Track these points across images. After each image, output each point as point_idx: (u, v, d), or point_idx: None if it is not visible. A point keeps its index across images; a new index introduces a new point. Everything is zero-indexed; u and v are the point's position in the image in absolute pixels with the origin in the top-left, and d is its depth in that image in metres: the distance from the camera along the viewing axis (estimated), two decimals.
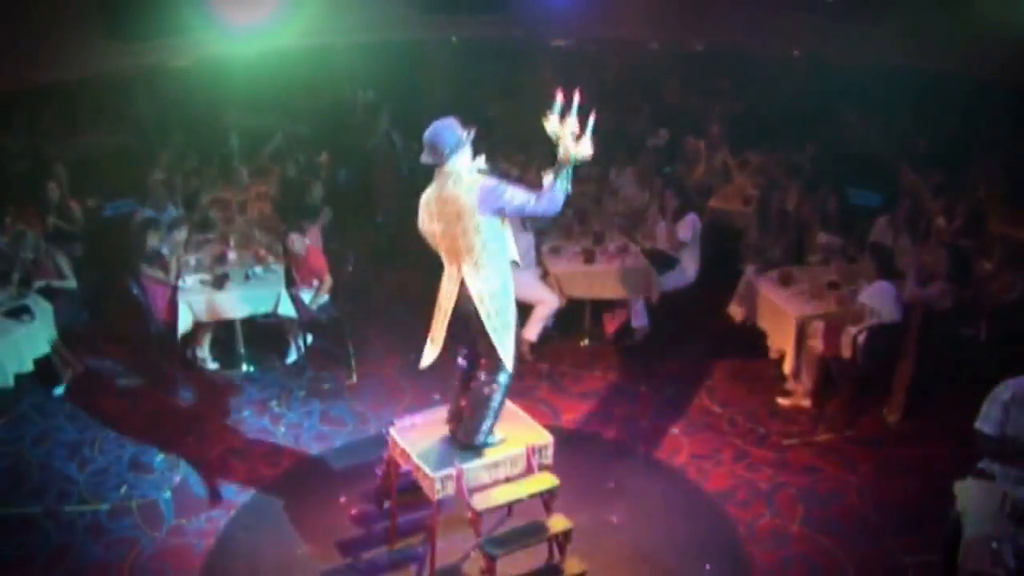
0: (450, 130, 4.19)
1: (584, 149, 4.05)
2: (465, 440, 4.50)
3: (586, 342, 7.27)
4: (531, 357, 6.91)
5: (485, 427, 4.48)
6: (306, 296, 6.94)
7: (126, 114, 10.38)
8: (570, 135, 4.05)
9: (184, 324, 6.55)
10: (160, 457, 5.79)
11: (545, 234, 7.42)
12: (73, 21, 8.50)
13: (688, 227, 7.31)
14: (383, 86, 11.24)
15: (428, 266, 4.66)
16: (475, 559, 4.60)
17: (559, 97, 4.02)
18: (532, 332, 6.93)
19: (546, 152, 9.78)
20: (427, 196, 4.34)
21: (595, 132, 4.05)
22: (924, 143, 8.85)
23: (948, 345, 6.06)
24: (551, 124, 4.08)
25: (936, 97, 8.61)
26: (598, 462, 5.71)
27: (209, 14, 8.92)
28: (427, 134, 4.22)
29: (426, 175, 4.38)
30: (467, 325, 4.34)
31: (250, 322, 6.86)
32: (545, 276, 7.03)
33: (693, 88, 11.17)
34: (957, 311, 6.07)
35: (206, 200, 8.40)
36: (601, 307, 7.37)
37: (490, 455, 4.51)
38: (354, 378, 6.79)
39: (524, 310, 7.04)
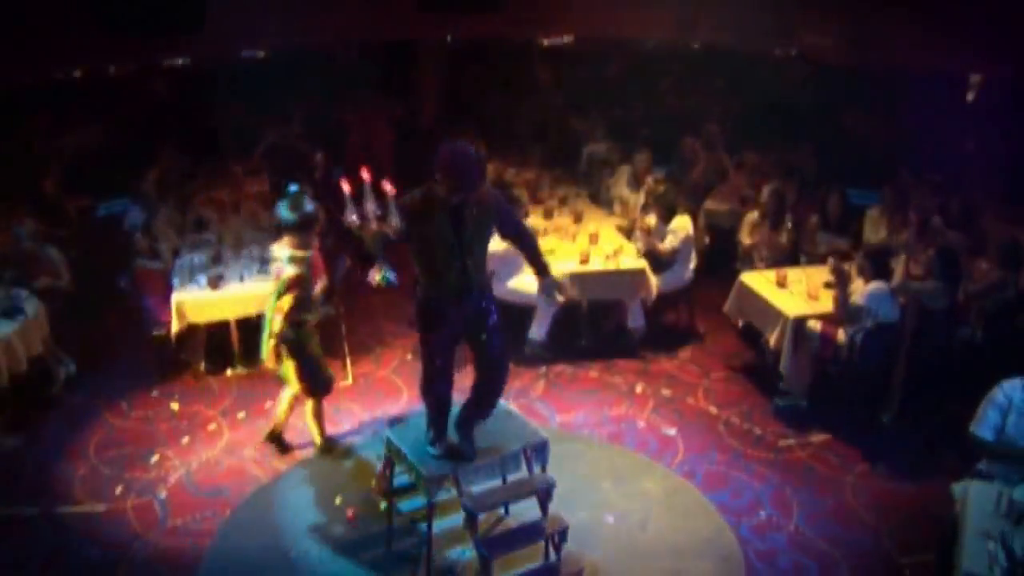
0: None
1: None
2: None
3: (583, 343, 7.27)
4: (548, 354, 6.97)
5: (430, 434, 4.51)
6: None
7: (120, 112, 10.34)
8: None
9: (178, 324, 6.52)
10: (155, 458, 5.77)
11: (542, 236, 7.42)
12: (69, 18, 8.45)
13: (674, 238, 7.24)
14: (379, 85, 11.26)
15: None
16: (472, 559, 4.60)
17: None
18: (540, 332, 6.95)
19: (541, 152, 9.79)
20: None
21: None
22: (921, 142, 8.85)
23: (944, 345, 6.07)
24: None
25: (935, 97, 8.62)
26: (594, 462, 5.71)
27: (205, 12, 8.88)
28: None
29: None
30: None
31: (245, 322, 6.83)
32: None
33: (690, 88, 11.18)
34: (952, 311, 6.08)
35: (200, 200, 8.38)
36: (597, 308, 7.36)
37: (486, 455, 4.50)
38: (350, 379, 6.77)
39: (526, 312, 7.07)
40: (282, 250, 5.31)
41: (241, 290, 6.66)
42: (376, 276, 4.13)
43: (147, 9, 8.48)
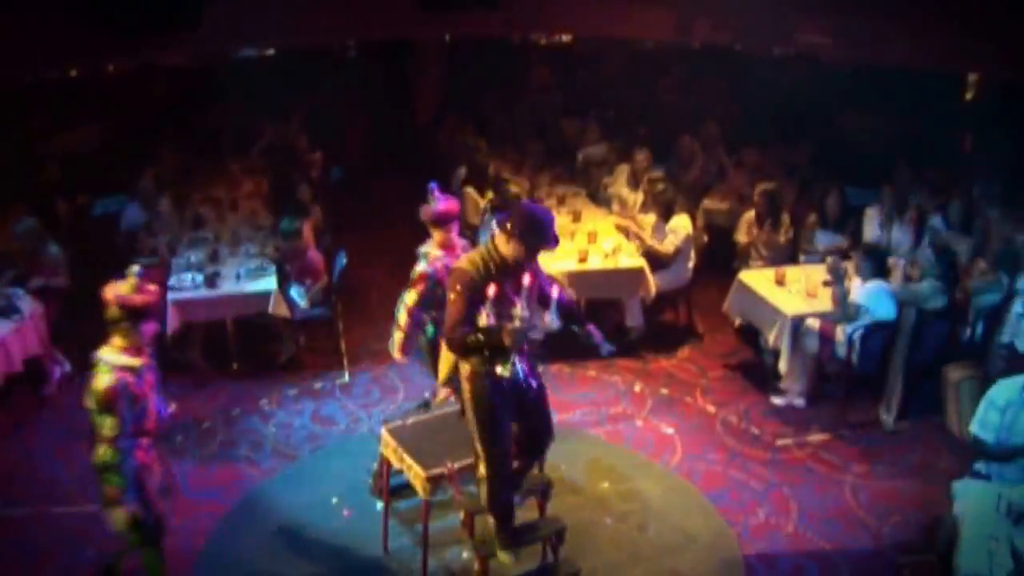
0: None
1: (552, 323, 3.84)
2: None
3: (581, 342, 7.21)
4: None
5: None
6: (298, 294, 6.89)
7: (117, 111, 10.31)
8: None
9: (174, 323, 6.49)
10: None
11: None
12: (66, 17, 8.41)
13: (675, 237, 7.20)
14: (377, 84, 11.25)
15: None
16: (468, 560, 4.57)
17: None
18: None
19: (540, 151, 9.75)
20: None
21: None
22: (924, 143, 8.84)
23: (942, 345, 6.05)
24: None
25: (935, 96, 8.61)
26: (592, 462, 5.68)
27: (202, 11, 8.85)
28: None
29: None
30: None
31: (241, 321, 6.80)
32: None
33: (689, 87, 11.16)
34: (951, 311, 6.05)
35: (198, 198, 8.36)
36: (596, 307, 7.33)
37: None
38: (346, 377, 6.75)
39: None
40: (426, 246, 5.11)
41: (238, 289, 6.62)
42: (504, 370, 3.88)
43: (144, 7, 8.46)
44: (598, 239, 7.31)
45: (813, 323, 6.10)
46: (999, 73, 8.06)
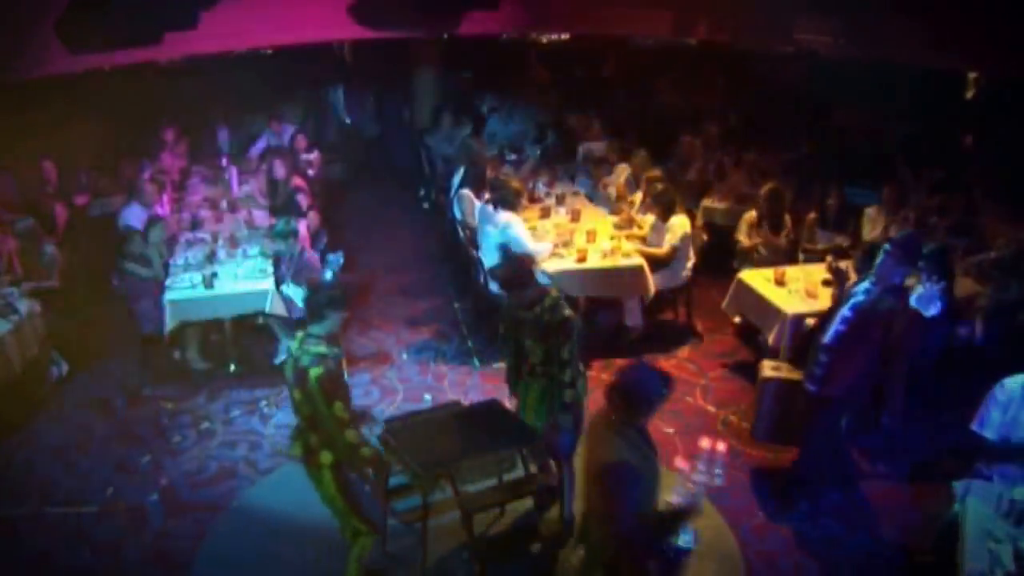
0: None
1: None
2: None
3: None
4: None
5: None
6: (295, 294, 6.86)
7: (117, 111, 10.30)
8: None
9: (171, 324, 6.47)
10: (147, 459, 5.72)
11: (540, 235, 7.38)
12: (65, 16, 8.40)
13: (673, 236, 7.20)
14: (376, 83, 11.23)
15: (420, 265, 4.61)
16: (468, 559, 4.55)
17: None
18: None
19: (539, 151, 9.69)
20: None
21: None
22: (924, 143, 8.83)
23: (942, 345, 6.03)
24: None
25: (937, 95, 8.60)
26: None
27: (200, 11, 8.84)
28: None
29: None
30: None
31: (240, 321, 6.79)
32: None
33: (689, 85, 11.15)
34: (949, 311, 6.03)
35: (196, 199, 8.34)
36: (596, 306, 7.31)
37: (482, 455, 4.45)
38: (345, 378, 6.71)
39: None
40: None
41: (235, 289, 6.61)
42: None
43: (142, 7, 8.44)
44: (597, 239, 7.29)
45: (813, 322, 6.07)
46: (999, 73, 8.05)
